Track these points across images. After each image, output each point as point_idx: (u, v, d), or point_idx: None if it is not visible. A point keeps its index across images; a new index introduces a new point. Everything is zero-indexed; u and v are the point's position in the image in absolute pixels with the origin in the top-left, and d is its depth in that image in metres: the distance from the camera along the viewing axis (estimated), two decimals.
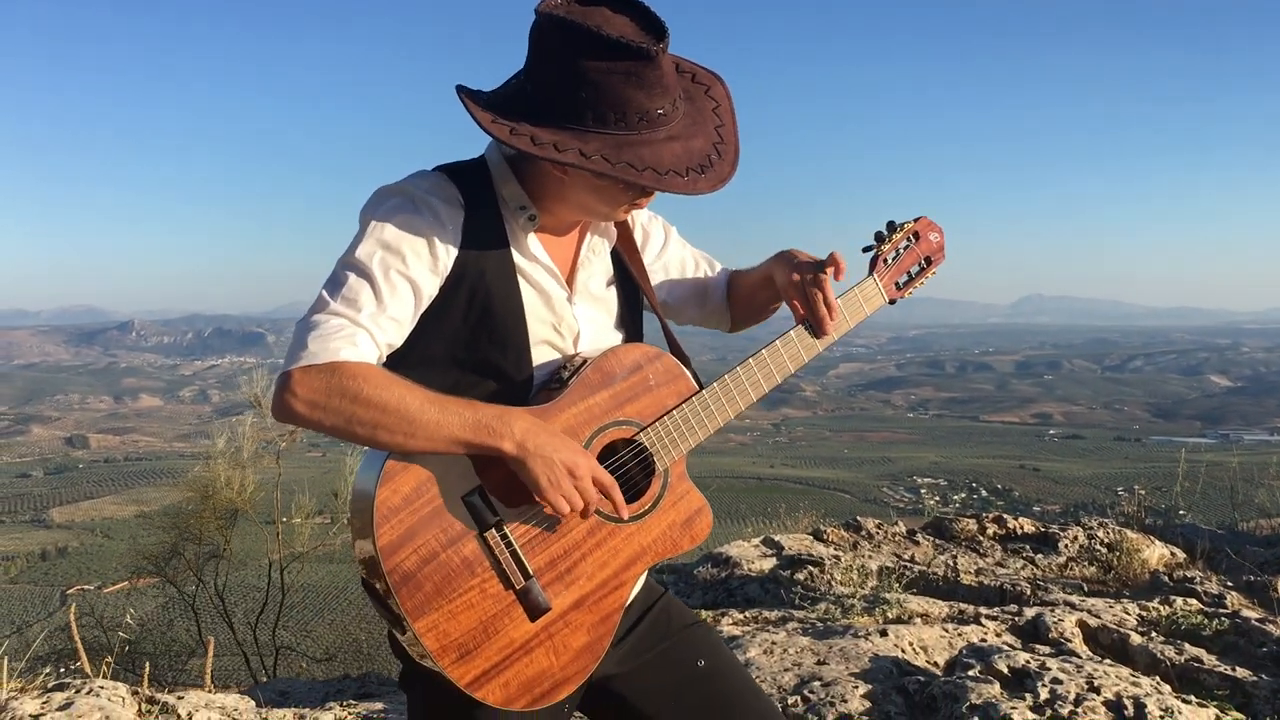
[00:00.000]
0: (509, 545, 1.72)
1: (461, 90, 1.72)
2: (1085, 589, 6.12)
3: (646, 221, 2.14)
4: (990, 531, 7.70)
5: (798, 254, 2.04)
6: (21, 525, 76.89)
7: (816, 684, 3.61)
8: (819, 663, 3.82)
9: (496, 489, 1.72)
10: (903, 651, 3.94)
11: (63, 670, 5.09)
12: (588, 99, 1.65)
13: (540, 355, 1.86)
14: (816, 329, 2.01)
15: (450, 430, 1.64)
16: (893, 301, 2.15)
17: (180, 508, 11.27)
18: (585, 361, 1.85)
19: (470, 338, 1.79)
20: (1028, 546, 7.36)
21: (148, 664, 5.53)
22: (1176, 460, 8.86)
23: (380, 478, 1.64)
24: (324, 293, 1.69)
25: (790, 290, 2.02)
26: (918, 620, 4.49)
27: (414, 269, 1.72)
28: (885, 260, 2.12)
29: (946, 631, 4.20)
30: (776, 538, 7.65)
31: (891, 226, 2.13)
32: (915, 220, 2.16)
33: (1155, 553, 6.78)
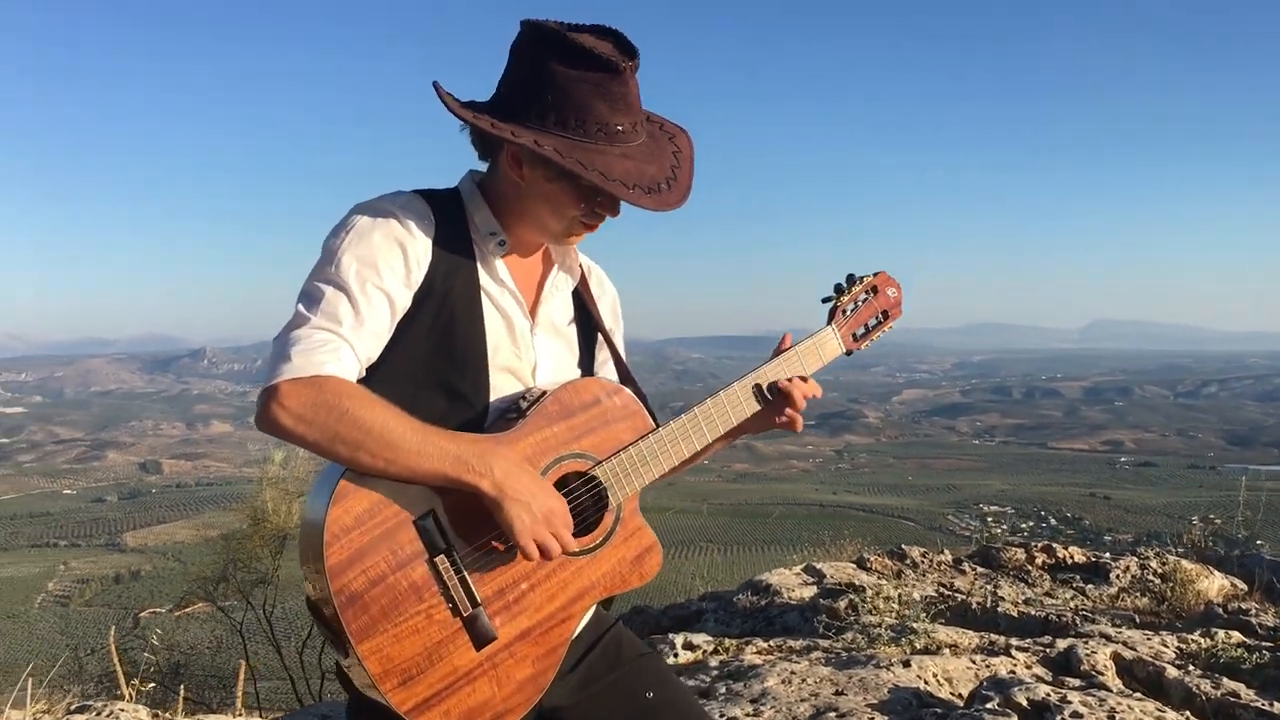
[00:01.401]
0: (459, 572, 1.69)
1: (438, 86, 1.76)
2: (1137, 620, 5.94)
3: (613, 305, 2.16)
4: (1039, 561, 7.51)
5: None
6: (96, 549, 78.75)
7: (832, 714, 3.52)
8: (837, 693, 3.74)
9: (450, 514, 1.70)
10: (925, 683, 3.84)
11: (105, 692, 5.16)
12: (552, 101, 1.71)
13: (499, 381, 1.85)
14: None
15: (430, 463, 1.63)
16: (849, 353, 2.19)
17: (232, 533, 11.45)
18: (545, 393, 1.83)
19: (431, 356, 1.78)
20: (1078, 577, 7.17)
21: (183, 688, 5.57)
22: (1256, 489, 8.61)
23: (333, 497, 1.62)
24: (300, 307, 1.69)
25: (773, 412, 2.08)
26: (946, 651, 4.37)
27: (388, 282, 1.72)
28: (844, 311, 2.17)
29: (974, 663, 4.09)
30: (818, 565, 7.54)
31: (851, 279, 2.18)
32: (874, 275, 2.20)
33: (1214, 584, 6.57)
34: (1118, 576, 6.98)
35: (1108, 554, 7.61)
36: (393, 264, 1.73)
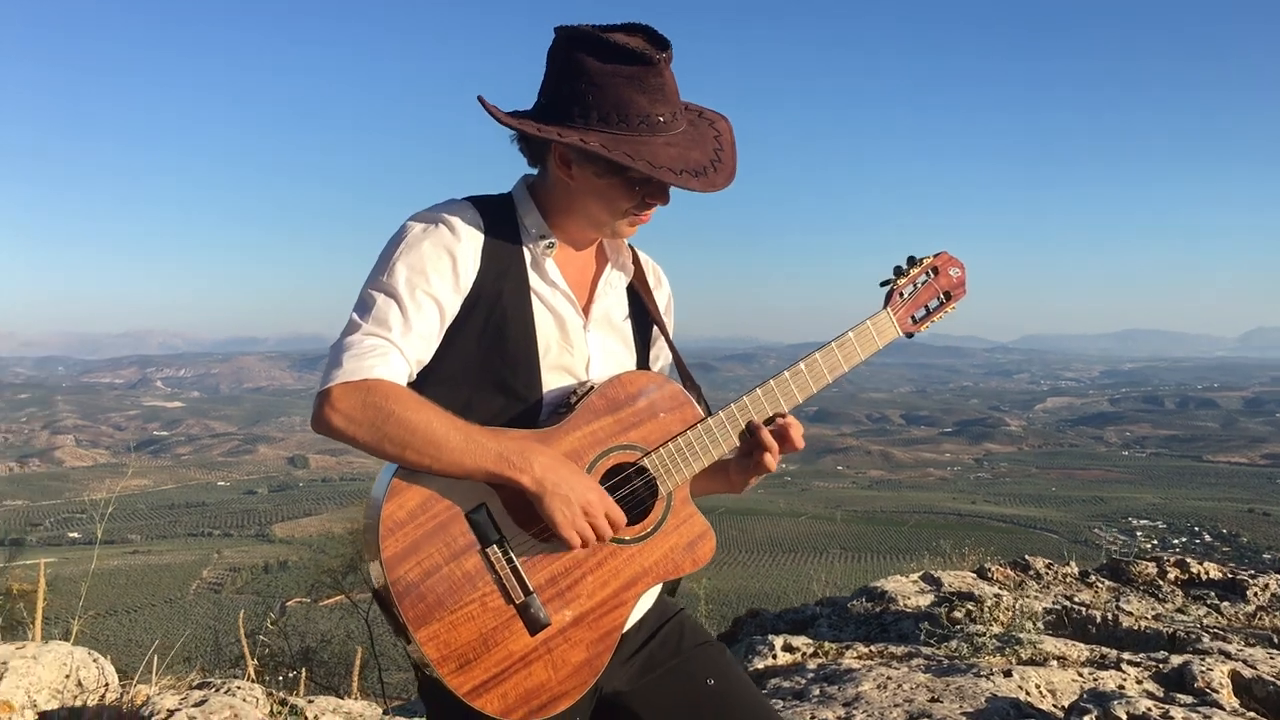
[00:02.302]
0: (510, 562, 1.76)
1: (483, 99, 1.82)
2: (1276, 640, 5.66)
3: (668, 302, 2.18)
4: (1172, 576, 7.21)
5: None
6: (248, 539, 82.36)
7: None
8: (932, 700, 3.67)
9: (502, 507, 1.77)
10: (1027, 694, 3.74)
11: (238, 673, 5.40)
12: (593, 101, 1.77)
13: (552, 379, 1.90)
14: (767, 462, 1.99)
15: (473, 460, 1.70)
16: (909, 335, 2.13)
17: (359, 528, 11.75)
18: (592, 387, 1.88)
19: (484, 357, 1.85)
20: (1212, 593, 6.85)
21: (304, 671, 5.81)
22: None
23: (387, 493, 1.71)
24: (354, 315, 1.78)
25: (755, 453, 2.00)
26: (1053, 663, 4.25)
27: (437, 287, 1.80)
28: (900, 294, 2.11)
29: (1081, 675, 3.97)
30: (936, 574, 7.39)
31: (911, 261, 2.12)
32: (935, 255, 2.15)
33: None
34: (1255, 594, 6.65)
35: (1245, 572, 7.26)
36: (441, 270, 1.80)
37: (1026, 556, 7.89)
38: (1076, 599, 6.83)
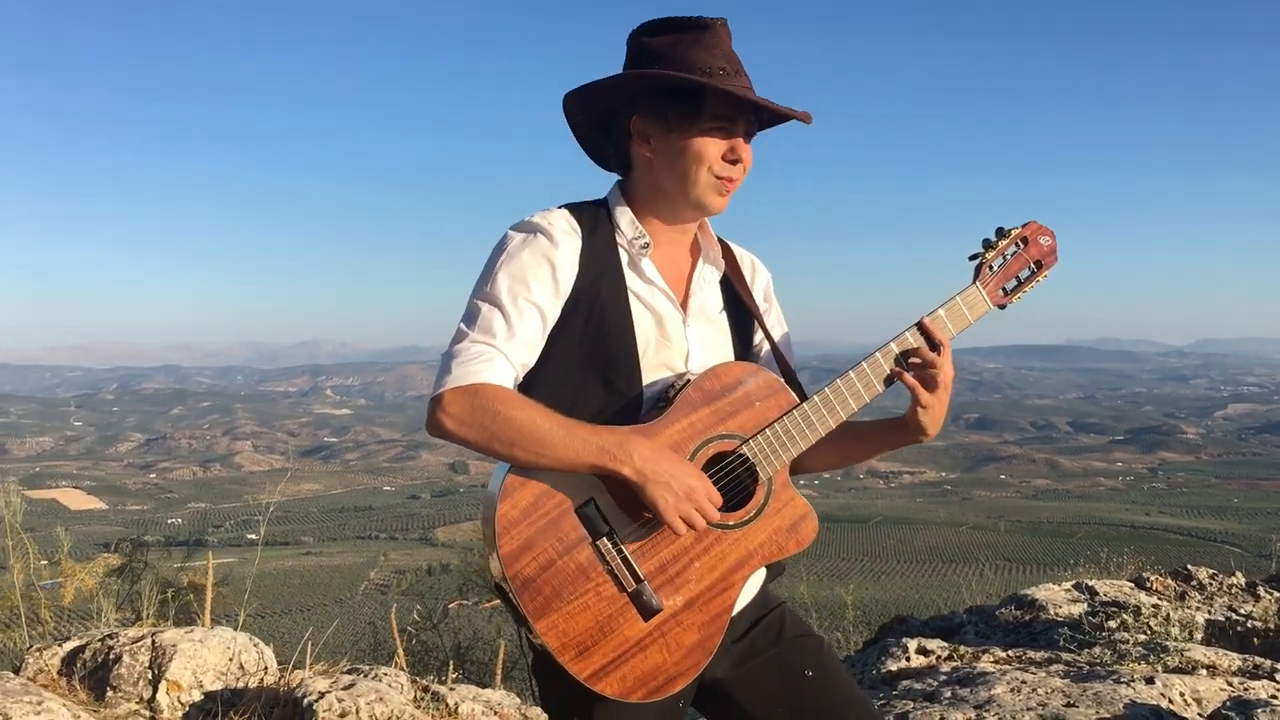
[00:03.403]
0: (620, 552, 1.84)
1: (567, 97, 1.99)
2: None
3: (766, 288, 2.24)
4: None
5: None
6: (411, 542, 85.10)
7: None
8: (1068, 704, 3.58)
9: (609, 501, 1.86)
10: (1170, 702, 3.61)
11: (379, 663, 5.66)
12: (661, 69, 1.89)
13: (652, 375, 1.97)
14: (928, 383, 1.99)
15: (576, 454, 1.80)
16: (1002, 307, 2.10)
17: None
18: (689, 380, 1.95)
19: (585, 359, 1.94)
20: None
21: (451, 662, 6.03)
22: None
23: (500, 493, 1.81)
24: (462, 325, 1.90)
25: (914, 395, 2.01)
26: (1202, 671, 4.08)
27: (538, 294, 1.90)
28: (990, 267, 2.08)
29: (1230, 685, 3.80)
30: (1090, 582, 7.14)
31: (1000, 232, 2.09)
32: (1024, 225, 2.11)
33: None
34: None
35: None
36: (541, 277, 1.90)
37: (1189, 566, 7.54)
38: (1241, 610, 6.51)
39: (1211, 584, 7.18)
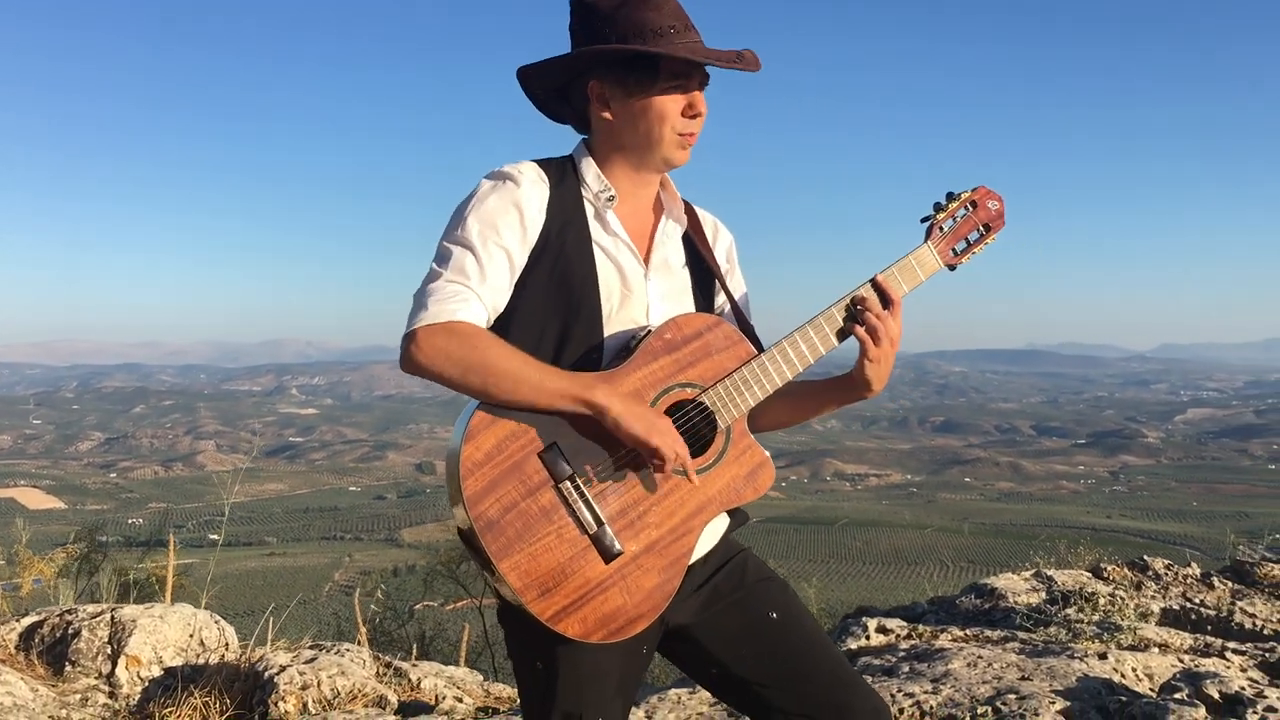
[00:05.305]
0: (582, 495, 1.87)
1: (522, 69, 2.04)
2: None
3: (729, 250, 2.28)
4: None
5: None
6: (377, 543, 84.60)
7: (1012, 696, 3.45)
8: (1022, 678, 3.65)
9: (572, 445, 1.89)
10: (1122, 676, 3.68)
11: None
12: (609, 33, 1.94)
13: (614, 326, 2.01)
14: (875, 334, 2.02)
15: (547, 396, 1.83)
16: (952, 267, 2.17)
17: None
18: (650, 330, 1.98)
19: (548, 306, 1.97)
20: None
21: (415, 647, 6.05)
22: None
23: (464, 437, 1.84)
24: (434, 265, 1.93)
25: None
26: (1154, 649, 4.16)
27: (507, 239, 1.93)
28: (940, 228, 2.15)
29: (1180, 661, 3.88)
30: (1049, 572, 7.23)
31: (950, 196, 2.17)
32: (973, 190, 2.19)
33: None
34: None
35: None
36: (510, 224, 1.94)
37: (1145, 557, 7.66)
38: (1195, 600, 6.62)
39: (1167, 574, 7.29)
